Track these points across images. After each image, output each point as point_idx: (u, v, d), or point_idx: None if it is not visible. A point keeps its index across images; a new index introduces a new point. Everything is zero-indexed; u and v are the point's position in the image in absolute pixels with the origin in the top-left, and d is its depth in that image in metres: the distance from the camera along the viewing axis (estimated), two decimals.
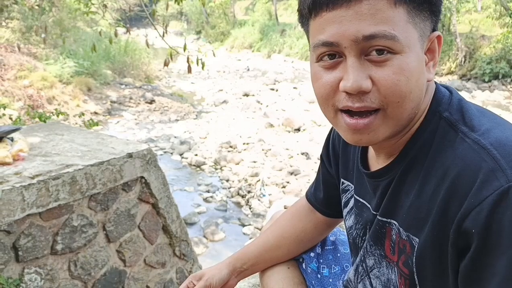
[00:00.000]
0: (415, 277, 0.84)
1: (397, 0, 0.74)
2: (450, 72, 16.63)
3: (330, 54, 0.79)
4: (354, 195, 1.05)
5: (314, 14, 0.79)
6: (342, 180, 1.13)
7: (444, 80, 16.16)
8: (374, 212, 0.94)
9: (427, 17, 0.79)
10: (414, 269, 0.83)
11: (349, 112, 0.80)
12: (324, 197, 1.28)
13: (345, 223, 1.15)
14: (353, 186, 1.07)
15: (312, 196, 1.32)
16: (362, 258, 1.02)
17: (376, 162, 0.95)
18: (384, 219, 0.91)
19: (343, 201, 1.14)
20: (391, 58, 0.75)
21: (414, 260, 0.83)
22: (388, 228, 0.90)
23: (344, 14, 0.75)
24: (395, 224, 0.88)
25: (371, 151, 0.99)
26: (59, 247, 2.69)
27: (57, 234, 2.68)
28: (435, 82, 0.89)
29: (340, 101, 0.80)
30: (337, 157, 1.14)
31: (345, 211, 1.13)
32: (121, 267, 3.11)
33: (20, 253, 2.52)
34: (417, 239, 0.82)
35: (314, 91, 0.85)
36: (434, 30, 0.81)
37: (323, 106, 0.84)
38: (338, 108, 0.81)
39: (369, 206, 0.98)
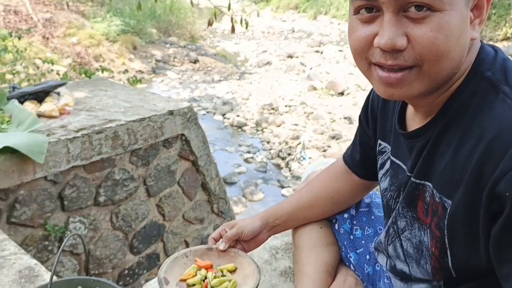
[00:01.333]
0: (446, 240, 0.83)
1: None
2: (506, 38, 15.77)
3: (368, 8, 0.77)
4: (391, 156, 1.03)
5: None
6: (379, 141, 1.11)
7: (499, 45, 15.37)
8: (409, 174, 0.92)
9: None
10: (445, 232, 0.82)
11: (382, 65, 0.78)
12: (361, 159, 1.26)
13: (380, 185, 1.13)
14: (389, 148, 1.05)
15: (349, 158, 1.31)
16: (394, 220, 1.01)
17: (414, 122, 0.93)
18: (418, 181, 0.89)
19: (379, 163, 1.12)
20: (430, 16, 0.72)
21: (445, 223, 0.82)
22: (422, 190, 0.89)
23: None
24: (429, 186, 0.86)
25: (409, 111, 0.96)
26: (101, 199, 2.80)
27: (100, 187, 2.78)
28: (481, 41, 0.84)
29: (374, 56, 0.78)
30: (375, 118, 1.12)
31: (380, 173, 1.12)
32: (160, 221, 3.21)
33: (65, 202, 2.64)
34: (450, 202, 0.80)
35: (349, 44, 0.83)
36: None
37: (357, 59, 0.82)
38: (371, 61, 0.80)
39: (404, 167, 0.96)
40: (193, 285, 1.22)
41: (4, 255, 1.63)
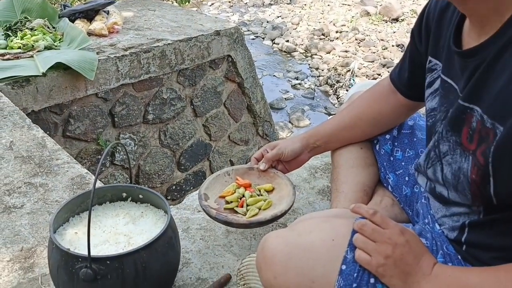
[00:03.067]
0: (490, 167, 0.80)
1: None
2: None
3: None
4: (441, 75, 0.99)
5: None
6: (429, 58, 1.06)
7: None
8: (460, 94, 0.89)
9: None
10: (491, 159, 0.79)
11: None
12: (409, 77, 1.22)
13: (426, 105, 1.10)
14: (441, 65, 1.01)
15: (397, 76, 1.27)
16: (436, 143, 0.98)
17: (470, 38, 0.88)
18: (466, 104, 0.85)
19: (427, 80, 1.08)
20: None
21: (492, 149, 0.79)
22: (469, 115, 0.85)
23: None
24: (478, 111, 0.82)
25: (466, 27, 0.91)
26: (150, 117, 2.89)
27: (148, 105, 2.86)
28: None
29: None
30: (429, 32, 1.07)
31: (428, 91, 1.08)
32: (206, 141, 3.30)
33: (116, 119, 2.75)
34: (501, 128, 0.77)
35: None
36: None
37: None
38: None
39: (456, 87, 0.92)
40: (231, 202, 1.28)
41: (58, 163, 1.74)
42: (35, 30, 2.68)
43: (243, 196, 1.30)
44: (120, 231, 1.13)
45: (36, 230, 1.40)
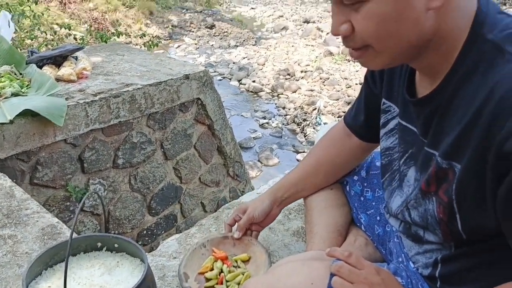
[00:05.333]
0: (454, 204, 0.84)
1: None
2: None
3: None
4: (399, 118, 1.03)
5: None
6: (383, 100, 1.11)
7: None
8: (422, 139, 0.93)
9: None
10: (454, 196, 0.83)
11: None
12: (365, 120, 1.26)
13: (380, 144, 1.14)
14: (396, 108, 1.05)
15: (352, 120, 1.31)
16: (399, 183, 1.02)
17: (422, 87, 0.93)
18: (430, 150, 0.90)
19: (382, 121, 1.12)
20: (362, 5, 0.76)
21: (454, 187, 0.82)
22: (433, 160, 0.89)
23: None
24: (436, 154, 0.87)
25: (417, 76, 0.96)
26: (120, 161, 2.87)
27: (118, 149, 2.84)
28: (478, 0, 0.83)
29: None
30: (382, 76, 1.11)
31: (382, 131, 1.12)
32: (177, 184, 3.28)
33: (85, 165, 2.71)
34: (458, 166, 0.81)
35: None
36: None
37: None
38: None
39: (415, 130, 0.96)
40: (210, 279, 1.31)
41: (28, 213, 1.70)
42: (2, 76, 2.66)
43: (222, 271, 1.33)
44: (95, 283, 1.10)
45: (5, 285, 1.36)
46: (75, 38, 5.27)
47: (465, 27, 0.80)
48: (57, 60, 2.91)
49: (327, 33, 11.71)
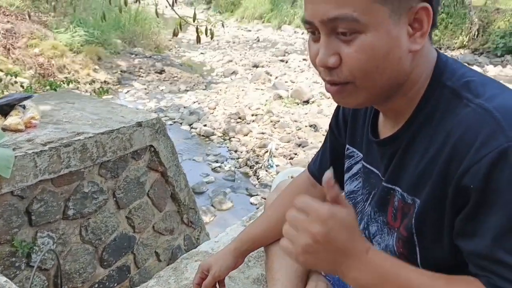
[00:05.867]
0: (415, 238, 0.88)
1: None
2: (462, 46, 16.36)
3: (312, 30, 0.86)
4: (363, 162, 1.08)
5: None
6: (347, 146, 1.15)
7: (456, 54, 15.90)
8: (382, 178, 0.98)
9: None
10: (414, 230, 0.87)
11: None
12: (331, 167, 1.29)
13: (344, 188, 1.17)
14: (359, 153, 1.10)
15: (317, 169, 1.33)
16: (366, 225, 1.05)
17: (385, 128, 0.99)
18: (389, 186, 0.95)
19: (346, 166, 1.16)
20: (356, 37, 0.80)
21: (413, 221, 0.87)
22: (392, 195, 0.94)
23: None
24: (398, 191, 0.92)
25: (380, 118, 1.02)
26: (70, 212, 2.77)
27: (69, 200, 2.75)
28: (437, 51, 0.91)
29: (320, 71, 0.87)
30: (346, 123, 1.17)
31: (346, 176, 1.16)
32: (130, 233, 3.20)
33: (33, 217, 2.60)
34: (418, 200, 0.86)
35: None
36: (425, 0, 0.81)
37: (316, 70, 0.90)
38: None
39: (378, 172, 1.01)
40: None
41: None
42: None
43: None
44: None
45: None
46: (21, 86, 5.14)
47: (428, 74, 0.88)
48: (4, 109, 2.83)
49: (276, 77, 12.00)
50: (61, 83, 5.25)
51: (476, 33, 15.99)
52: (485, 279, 0.75)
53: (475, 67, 13.89)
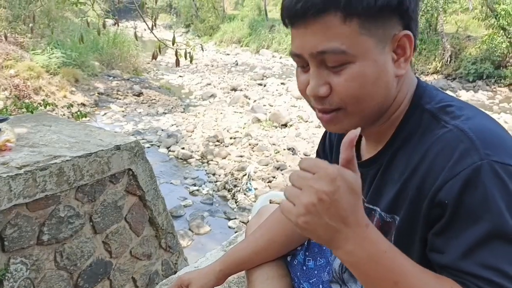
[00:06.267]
0: None
1: (346, 17, 0.81)
2: (436, 71, 16.80)
3: (301, 64, 0.89)
4: None
5: (289, 26, 0.89)
6: None
7: (430, 79, 16.32)
8: (363, 199, 0.99)
9: (389, 22, 0.83)
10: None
11: None
12: None
13: None
14: None
15: None
16: None
17: (367, 152, 1.02)
18: (370, 206, 0.97)
19: None
20: (345, 67, 0.83)
21: (393, 238, 0.90)
22: (373, 216, 0.96)
23: (303, 31, 0.84)
24: (377, 210, 0.95)
25: (363, 142, 1.05)
26: (45, 237, 2.70)
27: (44, 225, 2.69)
28: (417, 77, 0.96)
29: (310, 100, 0.90)
30: (332, 148, 1.19)
31: None
32: (107, 258, 3.13)
33: (6, 243, 2.53)
34: (398, 218, 0.89)
35: None
36: (406, 28, 0.86)
37: (305, 99, 0.93)
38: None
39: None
40: None
41: None
42: None
43: None
44: None
45: None
46: None
47: (409, 98, 0.92)
48: None
49: (254, 100, 12.08)
50: (38, 105, 5.18)
51: (449, 59, 16.47)
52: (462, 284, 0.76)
53: (448, 92, 14.21)
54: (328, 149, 1.22)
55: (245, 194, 7.11)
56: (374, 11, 0.81)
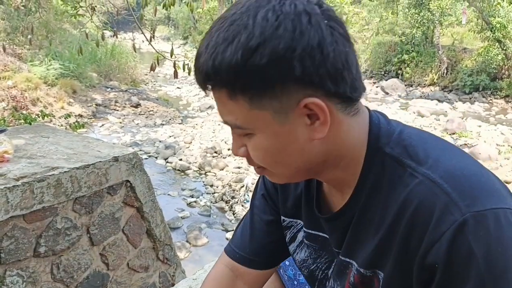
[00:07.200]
0: None
1: (231, 94, 0.76)
2: (432, 83, 16.90)
3: None
4: (306, 229, 1.04)
5: None
6: (282, 217, 1.11)
7: (427, 90, 16.40)
8: (336, 250, 0.96)
9: (284, 91, 0.74)
10: None
11: None
12: (268, 242, 1.16)
13: (294, 258, 1.11)
14: (298, 221, 1.07)
15: (247, 248, 1.17)
16: None
17: (333, 198, 0.96)
18: (346, 260, 0.93)
19: (288, 237, 1.11)
20: (250, 136, 0.81)
21: None
22: (350, 269, 0.92)
23: (214, 98, 0.82)
24: (354, 265, 0.90)
25: (325, 189, 0.98)
26: (42, 249, 2.69)
27: (41, 237, 2.67)
28: (369, 112, 0.87)
29: None
30: (276, 193, 1.12)
31: (293, 246, 1.10)
32: (104, 271, 3.11)
33: (2, 255, 2.51)
34: (382, 273, 0.85)
35: None
36: (319, 88, 0.75)
37: None
38: None
39: (327, 237, 0.99)
40: None
41: None
42: None
43: None
44: None
45: None
46: None
47: (362, 142, 0.84)
48: None
49: None
50: (36, 116, 5.18)
51: (445, 71, 16.58)
52: None
53: (445, 104, 14.35)
54: (272, 190, 1.13)
55: (242, 205, 7.09)
56: (257, 87, 0.74)
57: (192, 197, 7.46)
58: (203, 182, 8.10)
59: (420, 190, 0.77)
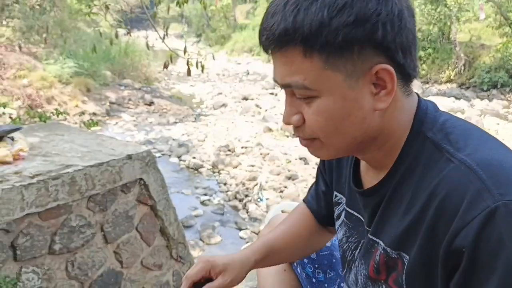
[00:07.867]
0: None
1: (306, 52, 0.76)
2: (449, 80, 16.69)
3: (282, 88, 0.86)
4: (346, 207, 1.06)
5: None
6: (335, 193, 1.13)
7: (443, 88, 16.21)
8: (367, 228, 0.96)
9: (360, 55, 0.76)
10: (404, 285, 0.85)
11: None
12: (325, 207, 1.23)
13: (337, 235, 1.14)
14: (344, 199, 1.08)
15: (314, 204, 1.27)
16: (355, 277, 1.02)
17: (368, 176, 0.97)
18: (374, 238, 0.92)
19: (335, 213, 1.13)
20: (312, 100, 0.80)
21: (404, 277, 0.85)
22: (376, 249, 0.92)
23: (275, 61, 0.82)
24: (381, 245, 0.90)
25: (362, 166, 0.99)
26: (57, 247, 2.70)
27: (55, 234, 2.69)
28: (418, 98, 0.89)
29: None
30: (331, 169, 1.14)
31: (337, 223, 1.13)
32: (118, 268, 3.12)
33: (18, 252, 2.53)
34: (407, 257, 0.84)
35: None
36: (389, 59, 0.78)
37: None
38: None
39: (362, 219, 0.99)
40: None
41: None
42: None
43: None
44: None
45: None
46: (10, 117, 5.11)
47: (407, 125, 0.86)
48: None
49: (266, 110, 12.08)
50: (51, 114, 5.23)
51: (463, 67, 16.36)
52: None
53: (462, 101, 14.16)
54: (327, 167, 1.16)
55: (256, 204, 7.08)
56: (337, 47, 0.75)
57: (206, 195, 7.47)
58: (217, 180, 8.11)
59: (454, 174, 0.76)
